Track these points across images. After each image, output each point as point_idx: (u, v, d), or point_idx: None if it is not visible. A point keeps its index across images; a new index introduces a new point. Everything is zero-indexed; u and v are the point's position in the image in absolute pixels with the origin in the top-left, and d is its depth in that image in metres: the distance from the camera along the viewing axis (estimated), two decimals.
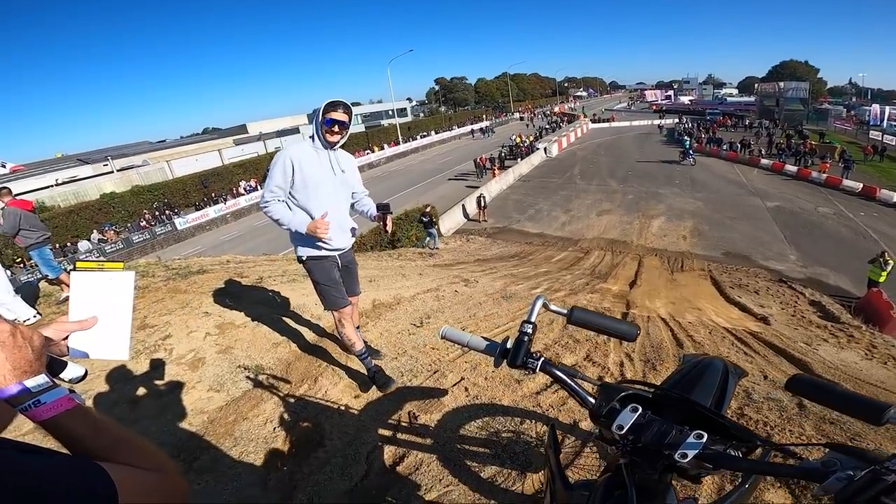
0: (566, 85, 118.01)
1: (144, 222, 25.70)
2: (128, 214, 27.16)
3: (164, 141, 58.95)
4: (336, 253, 2.69)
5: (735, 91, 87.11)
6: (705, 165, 27.91)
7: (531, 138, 38.81)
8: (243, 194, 29.77)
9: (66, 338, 0.94)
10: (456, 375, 3.03)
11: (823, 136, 32.80)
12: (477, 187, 22.12)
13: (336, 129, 2.47)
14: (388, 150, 42.24)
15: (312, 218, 2.48)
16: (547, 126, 50.10)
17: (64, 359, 0.91)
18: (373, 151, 41.47)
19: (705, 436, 0.83)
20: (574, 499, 0.96)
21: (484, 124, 57.62)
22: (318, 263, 2.65)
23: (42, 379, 0.67)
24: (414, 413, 2.60)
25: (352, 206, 2.81)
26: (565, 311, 1.13)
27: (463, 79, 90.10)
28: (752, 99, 54.73)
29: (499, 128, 56.20)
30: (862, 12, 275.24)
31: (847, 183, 21.22)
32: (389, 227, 2.71)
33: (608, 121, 52.18)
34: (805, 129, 36.06)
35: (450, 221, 18.45)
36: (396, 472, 2.18)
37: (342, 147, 2.66)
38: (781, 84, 45.65)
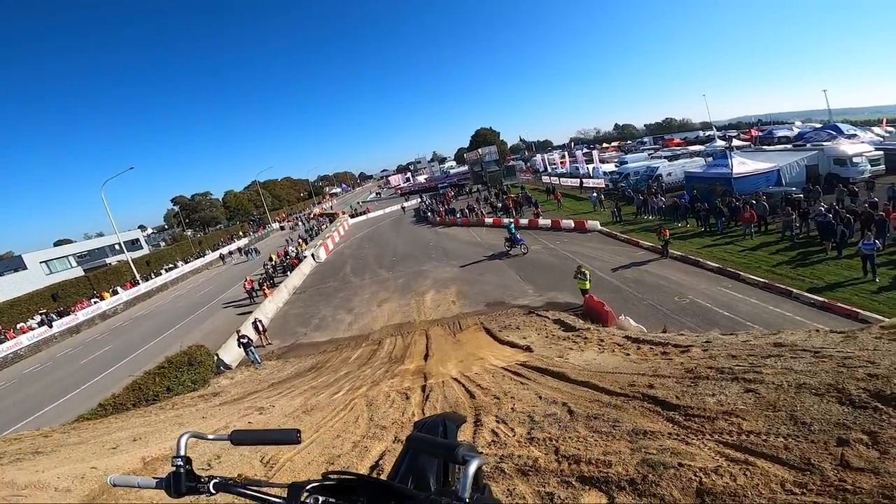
0: (320, 184, 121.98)
1: None
2: None
3: None
4: None
5: (454, 163, 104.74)
6: (450, 235, 32.91)
7: (302, 245, 38.60)
8: None
9: None
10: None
11: (524, 189, 41.69)
12: (251, 312, 20.49)
13: None
14: (125, 294, 35.30)
15: None
16: (306, 234, 49.60)
17: None
18: (102, 299, 33.99)
19: None
20: None
21: (240, 244, 54.02)
22: None
23: None
24: None
25: None
26: (226, 436, 1.22)
27: (207, 194, 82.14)
28: (466, 168, 67.86)
29: (260, 242, 53.78)
30: (514, 84, 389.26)
31: (542, 222, 28.34)
32: None
33: (365, 213, 55.73)
34: (506, 186, 46.46)
35: (229, 355, 16.36)
36: None
37: None
38: (480, 151, 56.25)
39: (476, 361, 9.70)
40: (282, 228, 66.83)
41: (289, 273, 28.58)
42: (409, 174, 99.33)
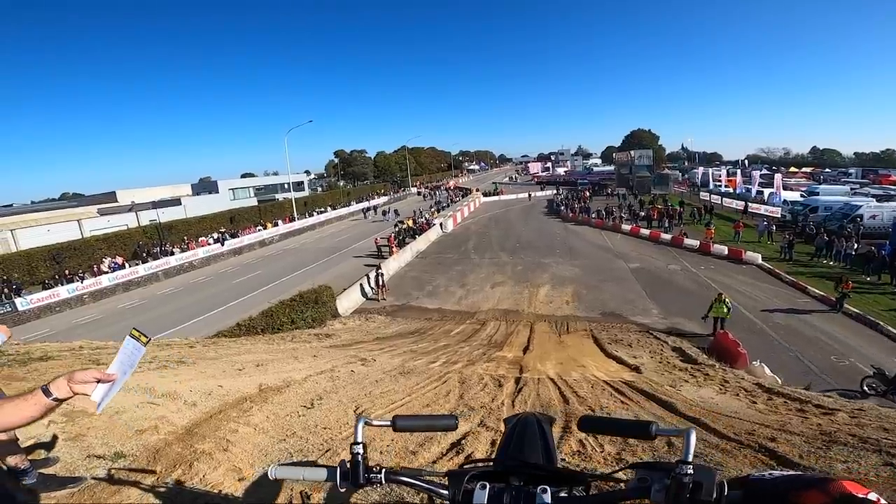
0: (461, 159, 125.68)
1: None
2: None
3: (10, 206, 51.16)
4: None
5: (599, 161, 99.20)
6: (579, 233, 31.52)
7: (433, 212, 40.63)
8: (107, 272, 26.34)
9: (98, 381, 1.30)
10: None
11: (682, 203, 35.82)
12: (375, 266, 22.31)
13: None
14: (283, 227, 40.89)
15: None
16: (439, 201, 51.66)
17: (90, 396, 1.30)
18: (265, 228, 39.90)
19: (549, 489, 0.95)
20: None
21: (380, 201, 58.01)
22: None
23: None
24: (306, 493, 2.50)
25: None
26: (388, 423, 1.19)
27: (363, 152, 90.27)
28: (612, 168, 63.47)
29: (397, 203, 57.66)
30: (687, 85, 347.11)
31: (688, 242, 25.33)
32: None
33: (497, 194, 56.31)
34: (655, 195, 42.01)
35: (348, 301, 18.18)
36: None
37: None
38: (633, 153, 51.84)
39: (576, 368, 9.33)
40: (419, 194, 70.54)
41: (417, 237, 30.31)
42: (549, 164, 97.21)
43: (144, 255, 30.39)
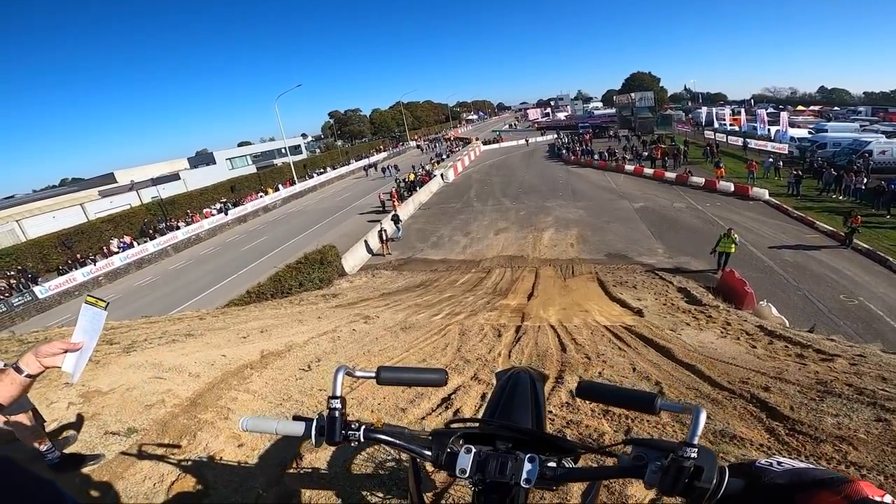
0: (458, 110, 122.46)
1: None
2: None
3: (12, 196, 51.19)
4: None
5: (600, 105, 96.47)
6: (582, 176, 30.91)
7: (433, 163, 39.98)
8: (117, 252, 26.67)
9: (66, 351, 1.31)
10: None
11: (686, 142, 36.01)
12: (379, 221, 22.24)
13: None
14: (284, 192, 40.68)
15: None
16: (439, 153, 51.06)
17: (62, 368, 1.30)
18: (266, 194, 39.69)
19: (537, 458, 0.90)
20: None
21: (379, 157, 57.10)
22: None
23: None
24: (300, 454, 2.65)
25: None
26: (373, 374, 1.11)
27: (357, 111, 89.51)
28: (613, 111, 61.76)
29: (397, 158, 56.58)
30: (689, 28, 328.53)
31: (693, 179, 24.79)
32: None
33: (498, 142, 55.31)
34: (658, 135, 41.19)
35: (354, 259, 18.25)
36: None
37: None
38: (633, 95, 50.97)
39: (579, 313, 9.34)
40: (418, 147, 69.26)
41: (418, 189, 29.98)
42: (548, 110, 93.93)
43: (151, 232, 30.53)
